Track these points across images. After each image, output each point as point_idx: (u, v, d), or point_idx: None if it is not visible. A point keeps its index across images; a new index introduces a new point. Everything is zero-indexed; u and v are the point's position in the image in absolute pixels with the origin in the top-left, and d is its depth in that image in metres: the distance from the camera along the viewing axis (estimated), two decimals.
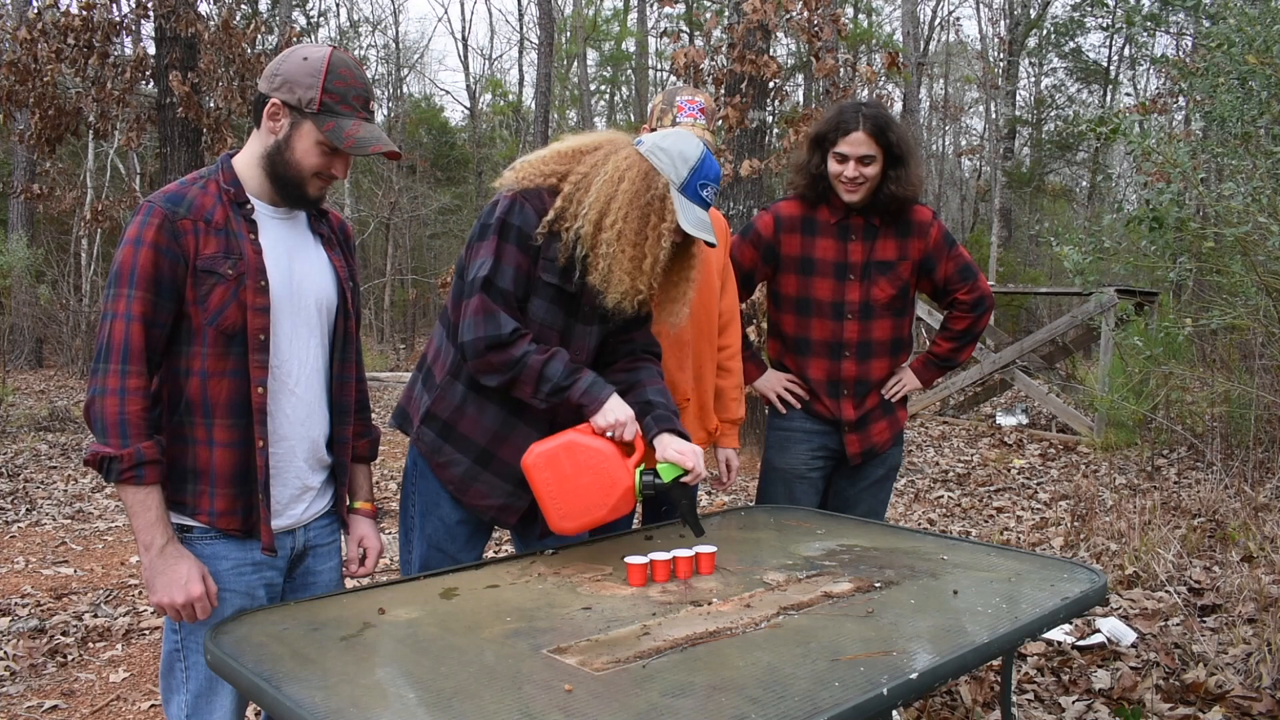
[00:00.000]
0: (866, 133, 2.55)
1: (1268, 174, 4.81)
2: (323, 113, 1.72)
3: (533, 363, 1.99)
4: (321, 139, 1.73)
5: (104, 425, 1.63)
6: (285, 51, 1.76)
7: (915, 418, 9.22)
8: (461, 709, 1.31)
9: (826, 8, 6.72)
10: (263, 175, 1.77)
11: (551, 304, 2.07)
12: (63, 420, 9.31)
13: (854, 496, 2.81)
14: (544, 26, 16.05)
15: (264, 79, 1.75)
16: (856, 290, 2.69)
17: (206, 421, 1.73)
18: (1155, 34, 15.65)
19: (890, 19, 25.21)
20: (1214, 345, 7.15)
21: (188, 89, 8.11)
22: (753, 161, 6.72)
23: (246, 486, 1.77)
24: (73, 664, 3.50)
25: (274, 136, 1.74)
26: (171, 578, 1.68)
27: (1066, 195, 20.84)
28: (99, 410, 1.64)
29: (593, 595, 1.82)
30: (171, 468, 1.73)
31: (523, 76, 27.02)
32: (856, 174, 2.58)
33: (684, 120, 2.51)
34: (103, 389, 1.63)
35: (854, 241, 2.69)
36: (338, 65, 1.73)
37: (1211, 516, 4.65)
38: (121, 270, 1.65)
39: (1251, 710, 2.73)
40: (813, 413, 2.75)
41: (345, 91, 1.73)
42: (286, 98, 1.71)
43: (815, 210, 2.72)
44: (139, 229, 1.65)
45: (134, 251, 1.65)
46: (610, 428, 1.97)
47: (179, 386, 1.72)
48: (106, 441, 1.63)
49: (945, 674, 1.48)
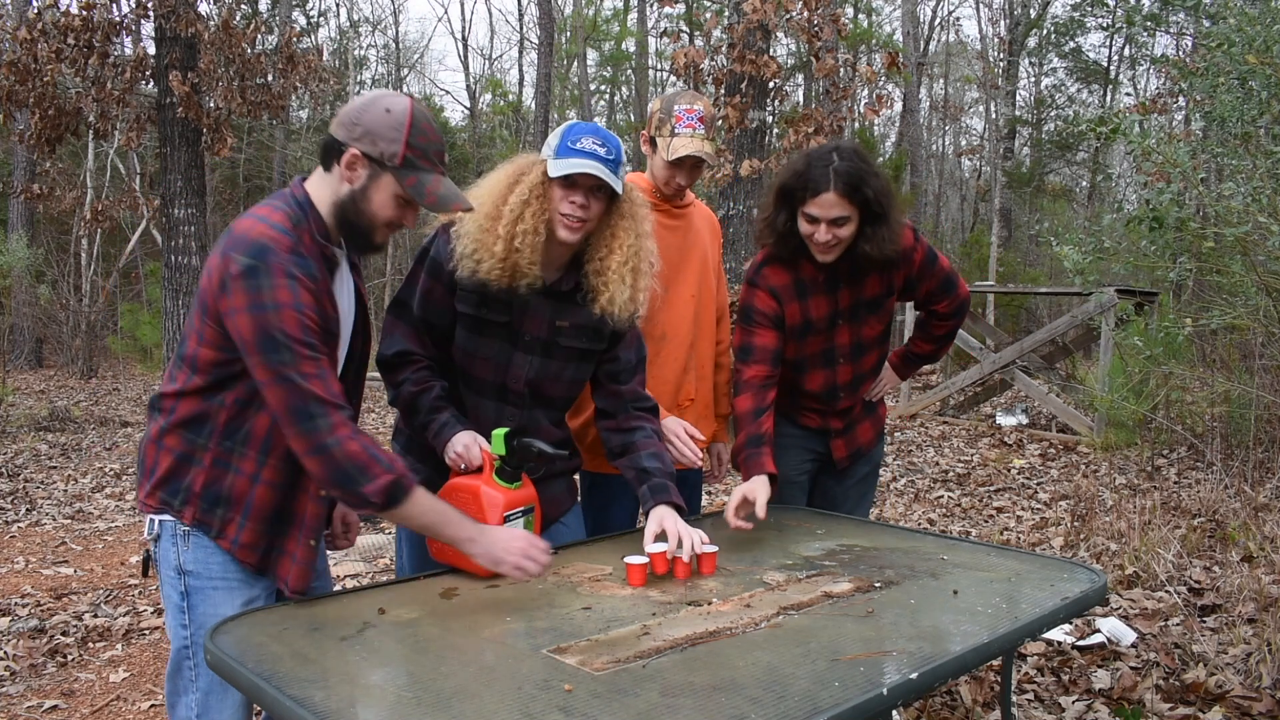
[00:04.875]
0: (838, 193, 2.26)
1: (1268, 174, 4.81)
2: (404, 167, 1.72)
3: (405, 393, 2.08)
4: (401, 193, 1.74)
5: (360, 465, 1.64)
6: (364, 100, 1.74)
7: (915, 418, 9.22)
8: (461, 709, 1.31)
9: (826, 8, 6.72)
10: (333, 221, 1.77)
11: (475, 334, 2.09)
12: (63, 420, 9.31)
13: (840, 495, 2.77)
14: (544, 26, 16.06)
15: (341, 126, 1.72)
16: (846, 334, 2.55)
17: (260, 458, 1.75)
18: (1155, 34, 15.66)
19: (890, 19, 25.23)
20: (1214, 345, 7.15)
21: (188, 89, 8.11)
22: (753, 161, 6.72)
23: (276, 527, 1.80)
24: (73, 664, 3.50)
25: (349, 185, 1.74)
26: (509, 547, 1.76)
27: (1066, 195, 20.83)
28: (343, 456, 1.63)
29: (593, 595, 1.82)
30: (206, 489, 1.75)
31: (523, 76, 27.05)
32: (829, 237, 2.32)
33: (683, 131, 2.40)
34: (336, 439, 1.62)
35: (842, 289, 2.50)
36: (420, 120, 1.73)
37: (1211, 516, 4.65)
38: (275, 335, 1.61)
39: (1251, 710, 2.73)
40: (799, 424, 2.69)
41: (426, 147, 1.73)
42: (368, 149, 1.71)
43: (798, 269, 2.48)
44: (294, 294, 1.62)
45: (297, 316, 1.62)
46: (454, 463, 2.00)
47: (246, 417, 1.74)
48: (373, 476, 1.64)
49: (945, 674, 1.48)
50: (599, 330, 2.13)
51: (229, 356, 1.68)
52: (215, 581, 1.78)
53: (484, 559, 1.76)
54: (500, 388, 2.12)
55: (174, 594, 1.79)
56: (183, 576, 1.78)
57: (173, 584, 1.79)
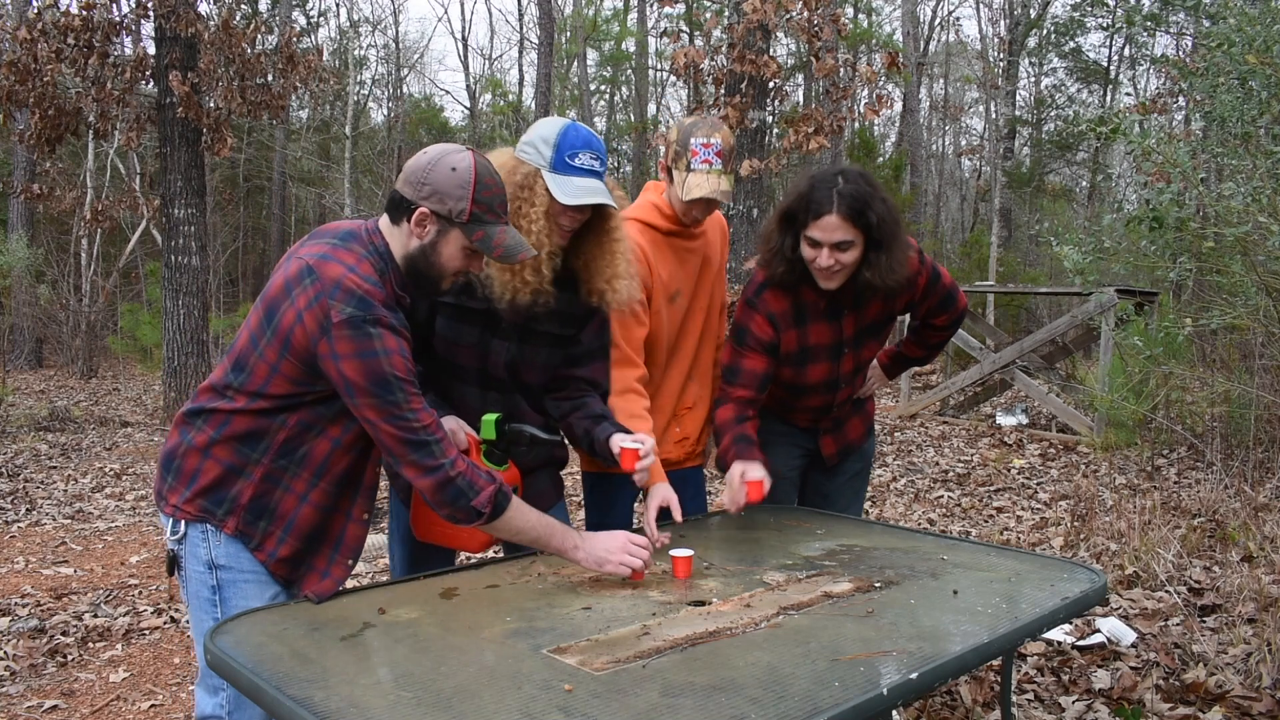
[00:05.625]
0: (841, 216, 2.21)
1: (1268, 174, 4.81)
2: (471, 222, 1.80)
3: None
4: (469, 245, 1.82)
5: (469, 480, 1.76)
6: (428, 158, 1.80)
7: (915, 417, 9.22)
8: (461, 709, 1.31)
9: (826, 8, 6.72)
10: (403, 269, 1.85)
11: (456, 322, 2.12)
12: (63, 420, 9.32)
13: (833, 492, 2.77)
14: (544, 26, 16.06)
15: (409, 185, 1.79)
16: (850, 361, 2.54)
17: (313, 480, 1.83)
18: (1155, 34, 15.66)
19: (890, 19, 25.23)
20: (1214, 345, 7.15)
21: (188, 89, 8.12)
22: (753, 161, 6.72)
23: (312, 545, 1.86)
24: (73, 664, 3.50)
25: (419, 241, 1.81)
26: (610, 546, 1.89)
27: (1066, 195, 20.81)
28: (456, 475, 1.74)
29: (593, 595, 1.82)
30: (254, 501, 1.80)
31: (523, 76, 27.04)
32: (831, 262, 2.26)
33: (699, 167, 2.32)
34: (449, 461, 1.74)
35: (847, 316, 2.46)
36: (484, 175, 1.80)
37: (1211, 516, 4.65)
38: (389, 379, 1.69)
39: (1251, 710, 2.73)
40: (788, 421, 2.69)
41: (491, 201, 1.81)
42: (436, 208, 1.78)
43: (799, 294, 2.43)
44: (398, 341, 1.71)
45: (403, 360, 1.71)
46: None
47: (304, 439, 1.80)
48: (480, 489, 1.77)
49: (945, 674, 1.48)
50: (571, 316, 2.18)
51: (305, 390, 1.76)
52: (246, 574, 1.82)
53: (589, 563, 1.89)
54: (482, 374, 2.16)
55: (204, 589, 1.81)
56: (214, 571, 1.81)
57: (203, 579, 1.81)
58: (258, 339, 1.76)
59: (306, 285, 1.70)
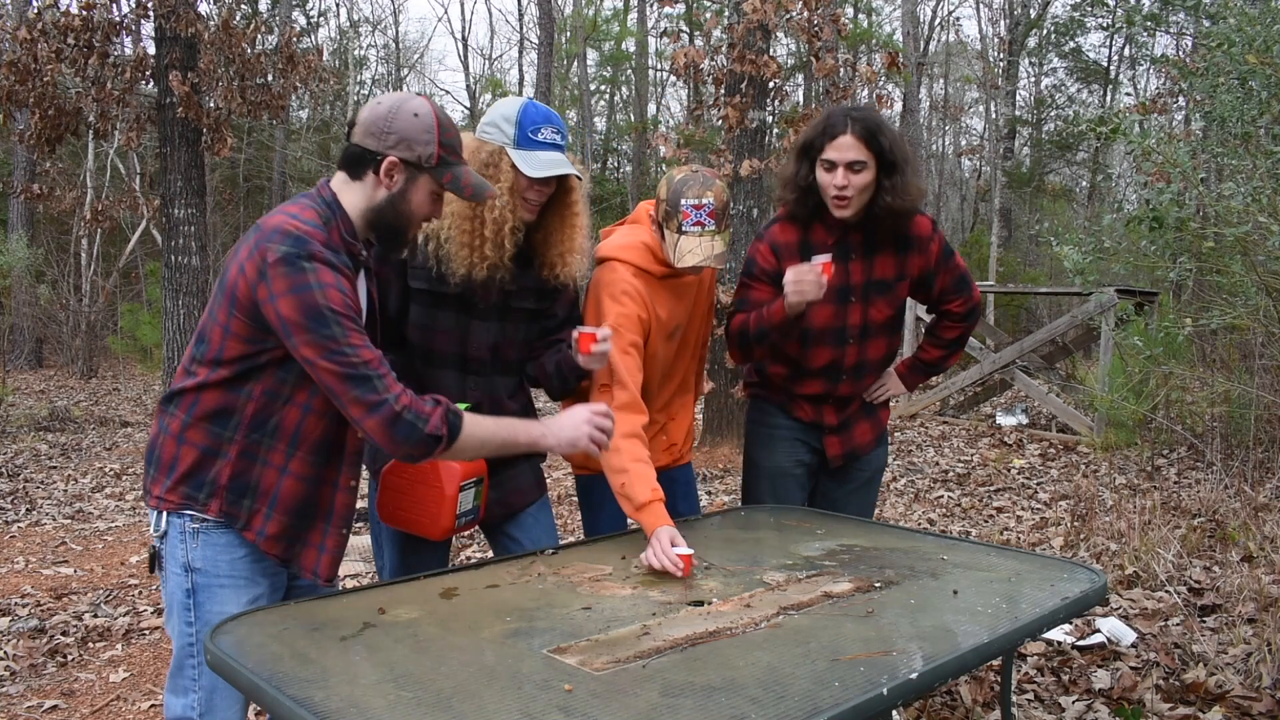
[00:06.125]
0: (855, 136, 2.33)
1: (1268, 174, 4.81)
2: (439, 165, 1.79)
3: None
4: (437, 189, 1.82)
5: (415, 410, 1.70)
6: (386, 108, 1.78)
7: (915, 417, 9.22)
8: (461, 709, 1.31)
9: (826, 8, 6.72)
10: (364, 225, 1.83)
11: (431, 308, 2.14)
12: (63, 420, 9.32)
13: (841, 499, 2.76)
14: (544, 26, 16.06)
15: (372, 136, 1.77)
16: (857, 313, 2.55)
17: (289, 450, 1.80)
18: (1155, 34, 15.66)
19: (890, 19, 25.22)
20: (1214, 345, 7.15)
21: (188, 89, 8.11)
22: (753, 161, 6.72)
23: (302, 520, 1.84)
24: (73, 664, 3.50)
25: (386, 191, 1.79)
26: (575, 423, 1.89)
27: (1066, 195, 20.81)
28: (401, 408, 1.69)
29: (593, 595, 1.82)
30: (233, 480, 1.77)
31: (523, 76, 27.04)
32: (845, 182, 2.35)
33: (690, 230, 2.24)
34: (394, 395, 1.69)
35: (854, 260, 2.51)
36: (443, 118, 1.80)
37: (1211, 516, 4.65)
38: (323, 312, 1.65)
39: (1251, 710, 2.73)
40: (793, 416, 2.68)
41: (453, 143, 1.82)
42: (405, 155, 1.77)
43: (810, 231, 2.52)
44: (335, 276, 1.68)
45: (341, 295, 1.68)
46: None
47: (272, 409, 1.77)
48: (428, 415, 1.71)
49: (945, 674, 1.48)
50: (544, 289, 2.23)
51: (257, 348, 1.72)
52: (223, 579, 1.80)
53: (563, 447, 1.89)
54: (460, 358, 2.17)
55: (179, 591, 1.80)
56: (190, 573, 1.79)
57: (179, 581, 1.80)
58: (213, 307, 1.76)
59: (249, 238, 1.72)
